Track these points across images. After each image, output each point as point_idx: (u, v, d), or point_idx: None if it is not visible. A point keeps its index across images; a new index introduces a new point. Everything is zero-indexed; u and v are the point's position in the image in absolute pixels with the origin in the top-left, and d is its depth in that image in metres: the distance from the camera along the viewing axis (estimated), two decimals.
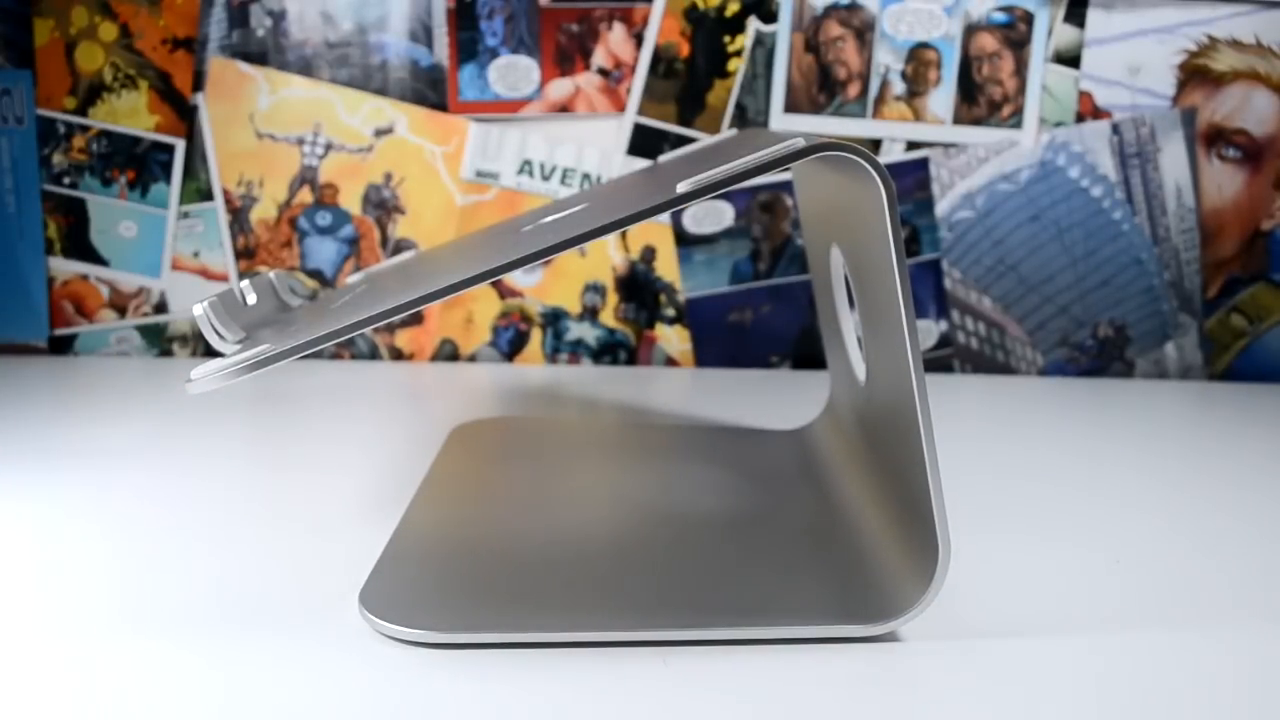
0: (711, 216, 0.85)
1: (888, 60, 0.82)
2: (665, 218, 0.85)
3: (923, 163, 0.84)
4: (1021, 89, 0.82)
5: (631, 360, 0.87)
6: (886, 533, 0.45)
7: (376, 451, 0.62)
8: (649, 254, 0.86)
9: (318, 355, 0.87)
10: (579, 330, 0.86)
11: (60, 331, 0.87)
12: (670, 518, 0.51)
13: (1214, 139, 0.83)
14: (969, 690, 0.38)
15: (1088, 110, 0.83)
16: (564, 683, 0.38)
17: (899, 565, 0.43)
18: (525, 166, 0.84)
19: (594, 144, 0.84)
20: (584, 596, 0.43)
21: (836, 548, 0.47)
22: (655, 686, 0.38)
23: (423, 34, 0.83)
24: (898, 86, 0.83)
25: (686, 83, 0.83)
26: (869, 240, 0.43)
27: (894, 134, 0.83)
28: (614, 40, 0.83)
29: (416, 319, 0.87)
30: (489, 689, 0.37)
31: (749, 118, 0.83)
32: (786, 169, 0.76)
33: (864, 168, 0.38)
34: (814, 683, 0.38)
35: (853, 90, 0.83)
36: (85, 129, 0.84)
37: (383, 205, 0.85)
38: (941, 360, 0.86)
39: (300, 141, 0.84)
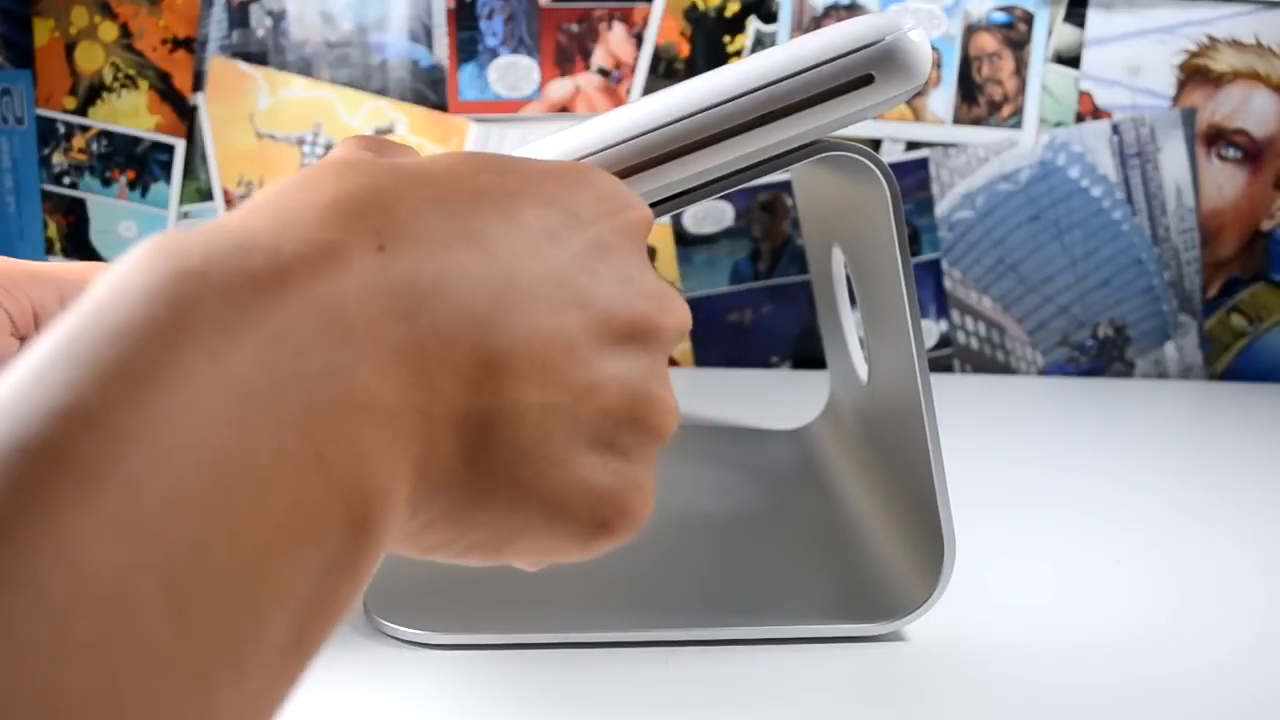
0: (711, 216, 0.85)
1: None
2: (665, 218, 0.85)
3: (923, 163, 0.84)
4: (1021, 89, 0.82)
5: None
6: (890, 532, 0.45)
7: None
8: (649, 254, 0.86)
9: None
10: None
11: None
12: (671, 518, 0.51)
13: (1214, 139, 0.83)
14: (973, 689, 0.38)
15: (1088, 110, 0.83)
16: (564, 683, 0.38)
17: (903, 565, 0.43)
18: None
19: None
20: (585, 597, 0.43)
21: (839, 547, 0.47)
22: (656, 687, 0.38)
23: (423, 34, 0.83)
24: None
25: None
26: (872, 239, 0.43)
27: (894, 134, 0.84)
28: (614, 40, 0.83)
29: None
30: (489, 689, 0.37)
31: None
32: (786, 169, 0.76)
33: (868, 167, 0.38)
34: (817, 682, 0.38)
35: None
36: (85, 129, 0.84)
37: None
38: (941, 360, 0.86)
39: (300, 142, 0.84)
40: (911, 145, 0.84)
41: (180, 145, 0.84)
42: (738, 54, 0.83)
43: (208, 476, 0.17)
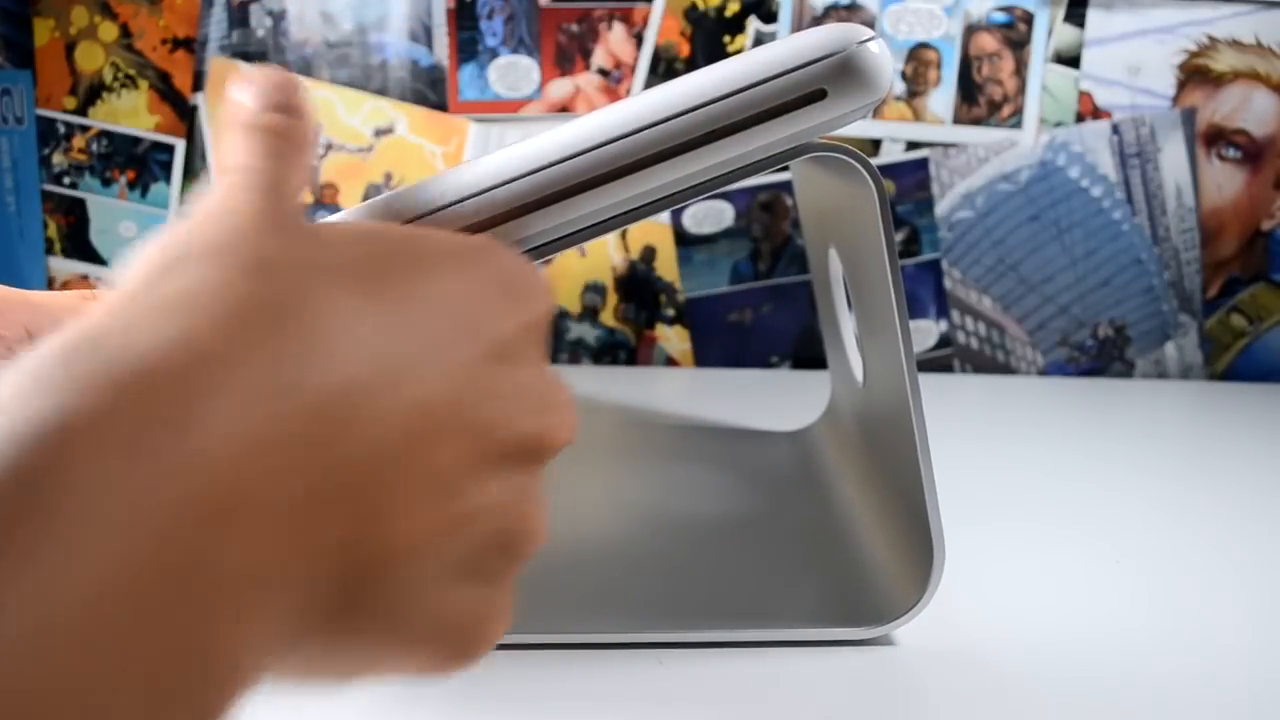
0: (711, 216, 0.85)
1: None
2: (665, 217, 0.85)
3: (923, 163, 0.83)
4: (1021, 89, 0.82)
5: (631, 360, 0.87)
6: (883, 536, 0.45)
7: None
8: (649, 254, 0.86)
9: None
10: (579, 330, 0.86)
11: None
12: (668, 519, 0.51)
13: (1214, 139, 0.82)
14: (962, 694, 0.38)
15: (1088, 110, 0.82)
16: (559, 684, 0.38)
17: (894, 569, 0.43)
18: None
19: None
20: (580, 598, 0.43)
21: (833, 551, 0.47)
22: (650, 688, 0.38)
23: (423, 34, 0.83)
24: (898, 86, 0.83)
25: None
26: (863, 242, 0.43)
27: (894, 134, 0.83)
28: (614, 40, 0.83)
29: None
30: (483, 690, 0.37)
31: None
32: (786, 168, 0.76)
33: (856, 169, 0.38)
34: (808, 685, 0.38)
35: None
36: (85, 129, 0.84)
37: None
38: (941, 360, 0.86)
39: None
40: (911, 145, 0.83)
41: (180, 145, 0.84)
42: (738, 54, 0.83)
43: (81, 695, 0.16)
